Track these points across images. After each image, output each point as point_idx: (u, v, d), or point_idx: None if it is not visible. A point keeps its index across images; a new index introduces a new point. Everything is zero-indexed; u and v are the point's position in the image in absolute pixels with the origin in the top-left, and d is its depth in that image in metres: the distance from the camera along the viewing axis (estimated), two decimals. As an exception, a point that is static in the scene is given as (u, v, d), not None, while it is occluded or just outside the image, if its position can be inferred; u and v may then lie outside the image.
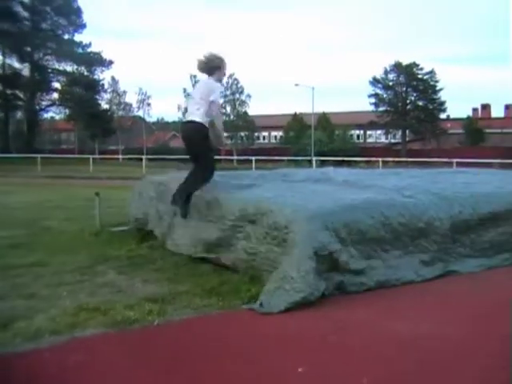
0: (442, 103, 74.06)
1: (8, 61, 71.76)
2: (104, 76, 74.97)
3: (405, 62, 73.72)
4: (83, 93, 70.21)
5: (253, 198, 7.77)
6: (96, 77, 73.33)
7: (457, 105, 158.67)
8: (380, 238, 7.17)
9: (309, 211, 6.99)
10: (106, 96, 79.38)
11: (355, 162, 52.92)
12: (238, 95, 76.46)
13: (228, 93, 75.82)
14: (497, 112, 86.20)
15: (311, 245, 6.42)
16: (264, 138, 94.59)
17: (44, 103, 75.70)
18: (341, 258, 6.67)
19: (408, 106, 74.64)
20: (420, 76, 73.64)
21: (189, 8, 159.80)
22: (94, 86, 72.60)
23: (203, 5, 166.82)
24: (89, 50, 71.31)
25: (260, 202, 7.49)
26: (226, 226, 7.72)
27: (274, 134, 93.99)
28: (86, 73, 72.21)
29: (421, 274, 7.38)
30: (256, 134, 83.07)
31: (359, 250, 6.93)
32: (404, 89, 74.62)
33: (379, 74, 74.88)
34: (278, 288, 6.25)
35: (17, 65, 72.43)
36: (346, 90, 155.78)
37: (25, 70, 72.85)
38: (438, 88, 73.32)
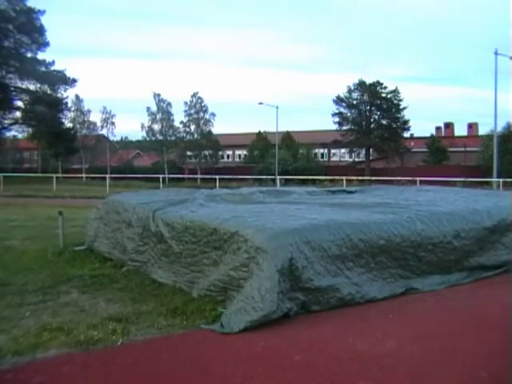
0: (406, 122, 74.42)
1: (-31, 78, 70.83)
2: (67, 94, 74.23)
3: (368, 80, 74.39)
4: (46, 111, 69.12)
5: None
6: (59, 95, 72.42)
7: (420, 123, 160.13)
8: (342, 255, 7.20)
9: (269, 231, 7.02)
10: (70, 115, 78.72)
11: (319, 180, 53.06)
12: (202, 114, 76.26)
13: (192, 112, 75.72)
14: (460, 131, 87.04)
15: (273, 264, 6.43)
16: (228, 156, 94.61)
17: (6, 122, 74.60)
18: (304, 275, 6.69)
19: (372, 125, 74.82)
20: (384, 95, 74.03)
21: (153, 26, 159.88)
22: (58, 105, 71.60)
23: (166, 22, 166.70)
24: (52, 68, 70.54)
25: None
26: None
27: (238, 152, 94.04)
28: (49, 91, 71.13)
29: (384, 290, 7.43)
30: (220, 153, 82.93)
31: (323, 266, 6.95)
32: (368, 107, 74.92)
33: (343, 93, 75.34)
34: (240, 309, 6.25)
35: (-22, 83, 71.47)
36: (309, 109, 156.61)
37: (-14, 88, 71.90)
38: (401, 107, 73.75)
